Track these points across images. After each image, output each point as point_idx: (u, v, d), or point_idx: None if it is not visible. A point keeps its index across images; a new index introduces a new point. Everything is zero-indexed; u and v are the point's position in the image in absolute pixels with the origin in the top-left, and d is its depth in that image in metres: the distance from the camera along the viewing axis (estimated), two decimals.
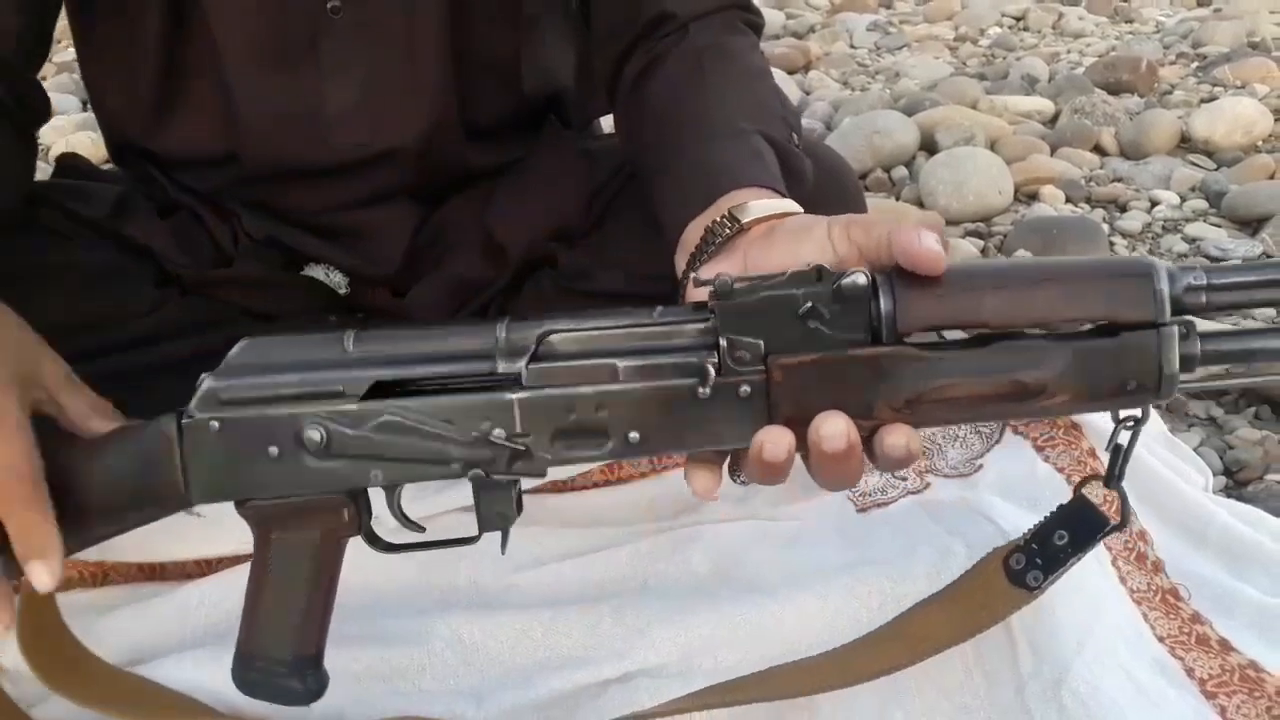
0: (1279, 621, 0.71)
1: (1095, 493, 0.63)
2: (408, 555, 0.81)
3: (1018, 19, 3.00)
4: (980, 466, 0.85)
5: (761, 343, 0.53)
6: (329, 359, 0.56)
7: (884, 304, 0.52)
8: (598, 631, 0.73)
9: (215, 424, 0.56)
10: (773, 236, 0.61)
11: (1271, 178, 1.56)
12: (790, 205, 0.64)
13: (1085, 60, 2.42)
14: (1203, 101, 1.97)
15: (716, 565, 0.78)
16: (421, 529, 0.61)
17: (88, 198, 0.86)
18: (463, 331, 0.57)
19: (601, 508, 0.83)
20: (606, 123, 1.05)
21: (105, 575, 0.79)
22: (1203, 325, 0.55)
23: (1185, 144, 1.78)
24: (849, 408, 0.52)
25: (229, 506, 0.59)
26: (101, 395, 0.85)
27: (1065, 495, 0.66)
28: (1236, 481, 0.92)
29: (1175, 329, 0.52)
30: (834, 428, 0.52)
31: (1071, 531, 0.64)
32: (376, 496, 0.59)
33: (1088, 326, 0.53)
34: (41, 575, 0.57)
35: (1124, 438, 0.58)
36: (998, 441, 0.87)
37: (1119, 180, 1.65)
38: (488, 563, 0.78)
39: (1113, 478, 0.60)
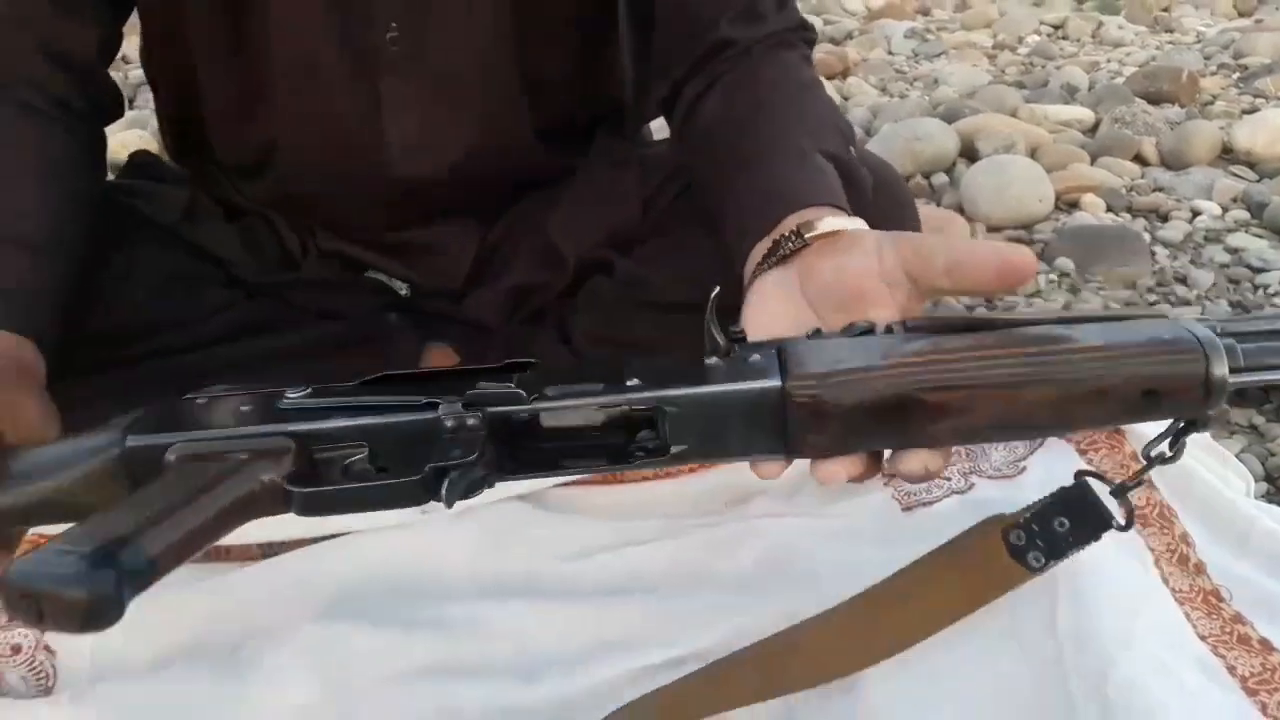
0: None
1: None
2: (459, 544, 0.83)
3: (1056, 27, 2.99)
4: (1024, 469, 0.86)
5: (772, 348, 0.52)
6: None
7: None
8: (646, 621, 0.74)
9: (203, 399, 0.55)
10: (828, 248, 0.62)
11: None
12: (857, 223, 0.64)
13: (1125, 70, 2.41)
14: (1244, 113, 1.97)
15: (763, 560, 0.79)
16: None
17: (159, 201, 0.89)
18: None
19: (650, 501, 0.85)
20: (654, 127, 1.07)
21: None
22: None
23: (1227, 155, 1.78)
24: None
25: None
26: (169, 395, 0.88)
27: (1106, 499, 0.66)
28: (1278, 488, 0.93)
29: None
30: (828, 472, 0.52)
31: (1072, 521, 0.63)
32: None
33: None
34: None
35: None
36: (1041, 444, 0.88)
37: (1160, 190, 1.65)
38: (540, 552, 0.80)
39: (1123, 488, 0.59)
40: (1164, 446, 0.56)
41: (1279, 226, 1.47)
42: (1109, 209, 1.58)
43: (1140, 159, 1.80)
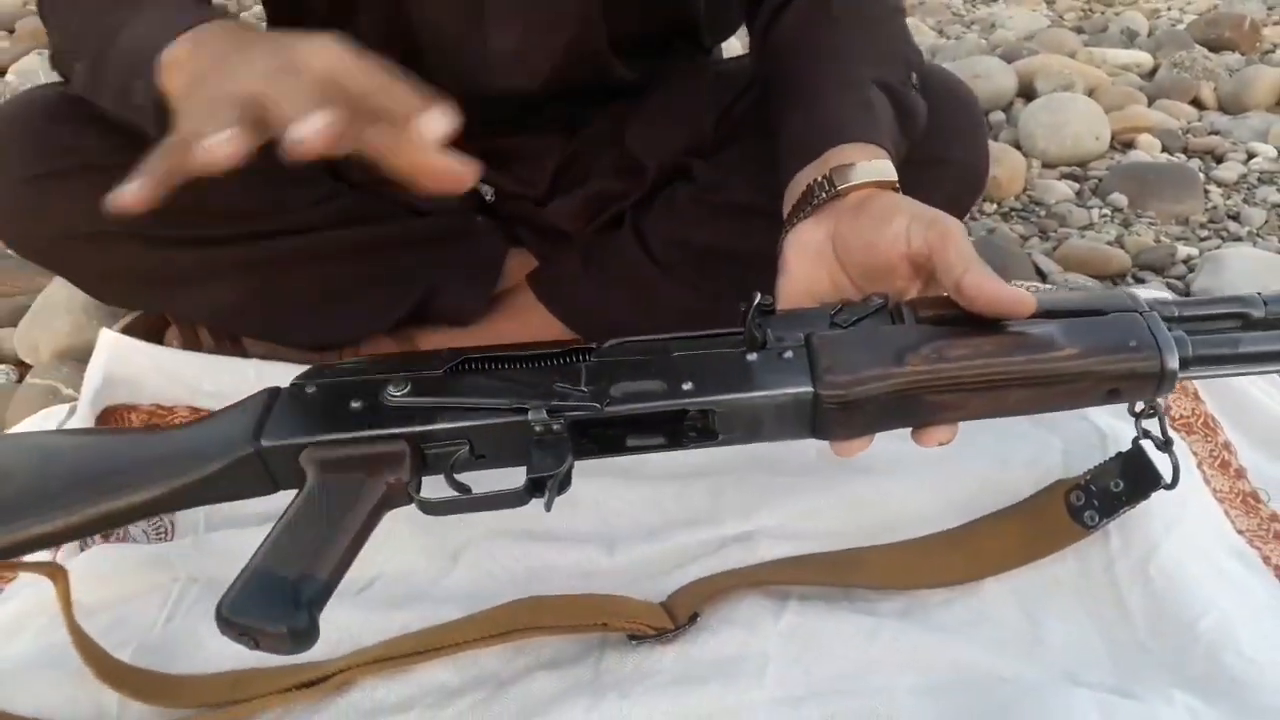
0: None
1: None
2: None
3: None
4: None
5: (801, 332, 0.61)
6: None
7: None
8: (721, 499, 0.80)
9: (311, 388, 0.63)
10: (861, 214, 0.66)
11: None
12: (887, 171, 0.68)
13: (1186, 17, 2.40)
14: None
15: (825, 450, 0.85)
16: (468, 489, 0.61)
17: None
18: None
19: None
20: (729, 47, 1.10)
21: None
22: None
23: None
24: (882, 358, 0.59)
25: None
26: (270, 277, 0.94)
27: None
28: None
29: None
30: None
31: (1127, 481, 0.73)
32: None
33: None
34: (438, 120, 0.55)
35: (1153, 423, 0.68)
36: None
37: (1216, 133, 1.66)
38: None
39: (1166, 442, 0.68)
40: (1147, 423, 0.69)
41: None
42: (1164, 149, 1.60)
43: (1198, 103, 1.80)
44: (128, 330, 0.96)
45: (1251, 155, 1.56)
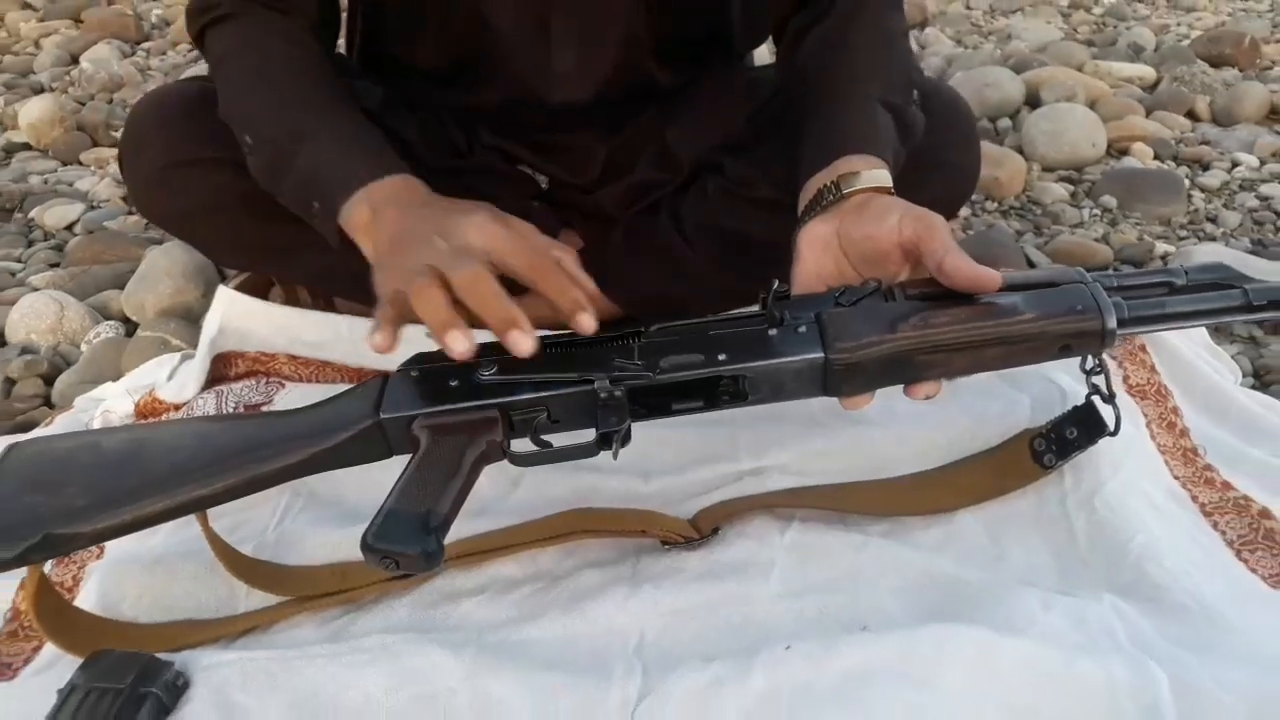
0: (1273, 475, 0.91)
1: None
2: None
3: None
4: None
5: (813, 311, 0.74)
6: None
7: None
8: (738, 441, 0.95)
9: (415, 372, 0.76)
10: (862, 212, 0.79)
11: None
12: (885, 179, 0.82)
13: (1193, 33, 2.52)
14: None
15: (827, 404, 0.99)
16: (550, 445, 0.75)
17: (360, 93, 1.10)
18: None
19: None
20: (759, 55, 1.25)
21: None
22: None
23: (1274, 115, 1.91)
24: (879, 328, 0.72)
25: None
26: (353, 250, 1.09)
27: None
28: (1263, 383, 1.11)
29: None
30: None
31: (1080, 429, 0.87)
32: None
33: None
34: (524, 340, 0.71)
35: (1099, 379, 0.82)
36: None
37: (1206, 143, 1.79)
38: None
39: (1110, 396, 0.82)
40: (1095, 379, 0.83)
41: None
42: (1156, 157, 1.73)
43: (1193, 115, 1.93)
44: (239, 289, 1.12)
45: (1236, 164, 1.70)
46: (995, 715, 0.65)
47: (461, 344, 0.71)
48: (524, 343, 0.71)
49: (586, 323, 0.73)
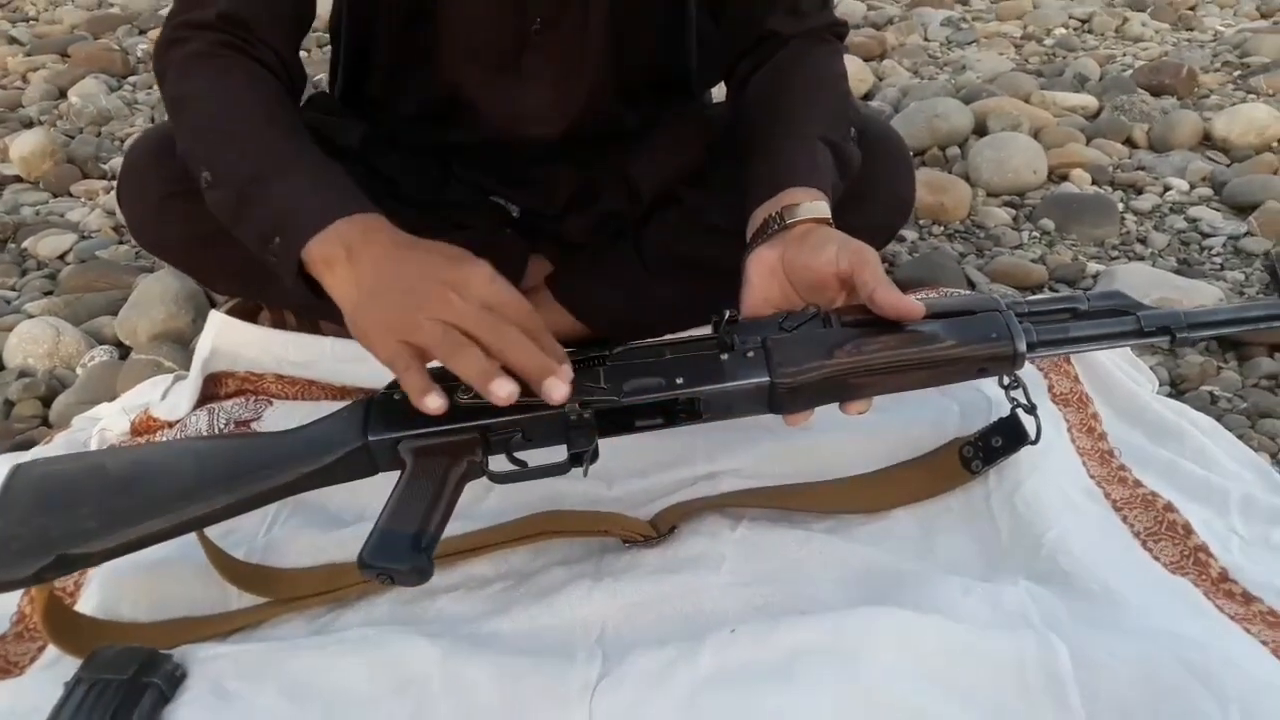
0: (1180, 473, 0.99)
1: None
2: None
3: (1084, 21, 3.19)
4: None
5: (760, 336, 0.82)
6: None
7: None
8: (693, 446, 1.02)
9: (398, 395, 0.79)
10: (804, 242, 0.85)
11: (1275, 173, 1.80)
12: (824, 211, 0.89)
13: (1138, 64, 2.63)
14: (1233, 106, 2.20)
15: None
16: (524, 464, 0.82)
17: (341, 130, 1.17)
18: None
19: None
20: (716, 93, 1.34)
21: None
22: None
23: (1207, 141, 2.01)
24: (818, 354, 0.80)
25: None
26: None
27: (1033, 382, 0.95)
28: (1179, 390, 1.20)
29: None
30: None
31: (1005, 438, 0.96)
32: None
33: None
34: (560, 387, 0.75)
35: (1018, 393, 0.90)
36: None
37: (1141, 169, 1.89)
38: None
39: (1031, 408, 0.91)
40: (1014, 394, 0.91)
41: (1234, 201, 1.71)
42: (1094, 182, 1.83)
43: (1130, 142, 2.03)
44: (230, 313, 1.19)
45: (1168, 188, 1.80)
46: (917, 686, 0.73)
47: (507, 388, 0.74)
48: (558, 390, 0.75)
49: (557, 393, 0.76)
